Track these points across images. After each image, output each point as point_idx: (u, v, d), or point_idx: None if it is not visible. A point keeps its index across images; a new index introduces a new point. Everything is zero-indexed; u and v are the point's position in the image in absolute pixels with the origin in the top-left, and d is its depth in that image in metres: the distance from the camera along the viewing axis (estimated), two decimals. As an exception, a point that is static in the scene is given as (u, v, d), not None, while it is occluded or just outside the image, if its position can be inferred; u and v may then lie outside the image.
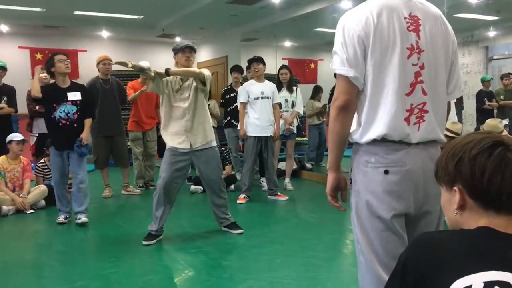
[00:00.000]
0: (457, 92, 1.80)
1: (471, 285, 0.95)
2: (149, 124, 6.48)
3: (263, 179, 6.35)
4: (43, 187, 5.38)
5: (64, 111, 4.49)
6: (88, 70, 8.70)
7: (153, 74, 3.82)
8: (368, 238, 1.72)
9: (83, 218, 4.53)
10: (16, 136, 5.31)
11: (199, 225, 4.51)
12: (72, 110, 4.51)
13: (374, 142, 1.66)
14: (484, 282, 0.95)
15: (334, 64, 1.66)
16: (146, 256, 3.68)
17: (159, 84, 3.87)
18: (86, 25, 9.22)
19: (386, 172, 1.64)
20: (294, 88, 6.32)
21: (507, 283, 0.95)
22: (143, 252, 3.76)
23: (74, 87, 4.64)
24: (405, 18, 1.64)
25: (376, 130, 1.63)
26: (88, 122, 4.66)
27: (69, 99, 4.52)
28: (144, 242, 3.88)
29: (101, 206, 5.64)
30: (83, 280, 3.18)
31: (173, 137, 3.96)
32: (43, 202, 5.29)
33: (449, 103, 1.82)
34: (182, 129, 3.94)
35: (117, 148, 6.00)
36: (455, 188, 1.11)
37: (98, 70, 6.01)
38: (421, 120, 1.65)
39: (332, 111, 1.68)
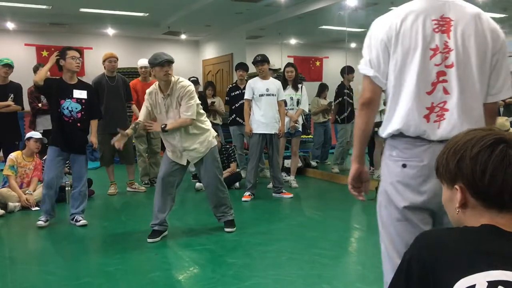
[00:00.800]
0: (505, 93, 1.80)
1: (474, 285, 0.95)
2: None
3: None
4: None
5: (68, 108, 4.38)
6: (94, 68, 8.74)
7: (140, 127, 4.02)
8: (386, 226, 1.91)
9: (83, 221, 4.49)
10: (35, 134, 5.39)
11: (204, 222, 4.51)
12: (76, 108, 4.40)
13: (395, 137, 1.77)
14: (488, 281, 0.94)
15: (360, 64, 1.82)
16: (151, 253, 3.69)
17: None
18: (92, 23, 9.24)
19: (404, 165, 1.75)
20: (300, 86, 6.31)
21: (511, 283, 0.94)
22: (148, 249, 3.77)
23: (81, 85, 4.53)
24: (433, 20, 1.73)
25: (393, 125, 1.76)
26: (94, 123, 4.61)
27: (74, 96, 4.40)
28: (149, 240, 3.89)
29: (107, 203, 5.66)
30: (89, 276, 3.19)
31: (171, 153, 4.03)
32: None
33: (495, 104, 1.83)
34: (176, 149, 3.99)
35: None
36: (456, 186, 1.09)
37: (104, 67, 6.02)
38: (441, 118, 1.72)
39: (358, 107, 1.87)
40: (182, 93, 3.85)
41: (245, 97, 5.75)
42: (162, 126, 3.89)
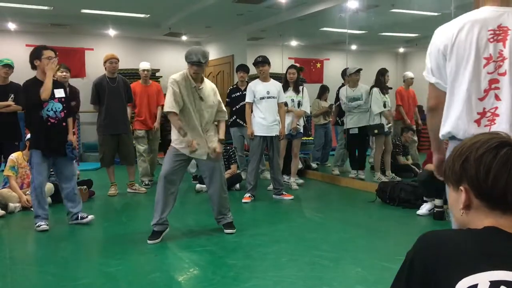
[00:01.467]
0: None
1: (477, 284, 0.95)
2: (153, 122, 6.58)
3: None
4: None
5: (52, 109, 4.28)
6: (94, 69, 8.74)
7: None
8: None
9: (89, 216, 4.52)
10: None
11: (205, 224, 4.51)
12: (59, 108, 4.32)
13: (450, 138, 1.90)
14: (490, 281, 0.95)
15: (424, 71, 1.99)
16: (151, 254, 3.69)
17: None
18: (93, 24, 9.26)
19: None
20: (301, 88, 6.31)
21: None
22: (148, 250, 3.77)
23: (57, 84, 4.45)
24: (489, 30, 1.84)
25: (445, 128, 1.91)
26: (71, 121, 4.54)
27: (56, 96, 4.32)
28: (149, 242, 3.88)
29: (107, 204, 5.66)
30: (89, 277, 3.19)
31: (190, 147, 3.97)
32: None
33: None
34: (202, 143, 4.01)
35: (123, 146, 6.02)
36: (461, 187, 1.10)
37: (105, 68, 6.04)
38: (492, 123, 1.84)
39: (427, 111, 2.10)
40: (215, 92, 4.14)
41: (246, 100, 5.76)
42: (220, 139, 4.13)
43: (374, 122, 6.57)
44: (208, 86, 4.12)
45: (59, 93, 4.38)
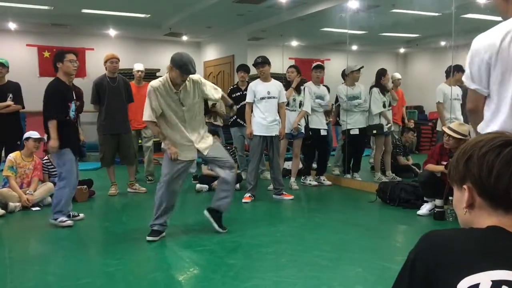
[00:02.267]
0: None
1: (478, 283, 0.95)
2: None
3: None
4: (50, 185, 5.41)
5: (73, 110, 4.50)
6: (95, 68, 8.75)
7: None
8: None
9: (81, 215, 4.67)
10: (34, 134, 5.39)
11: (205, 223, 4.50)
12: (74, 110, 4.53)
13: None
14: (492, 281, 0.95)
15: (464, 77, 2.10)
16: (151, 254, 3.69)
17: None
18: (93, 24, 9.26)
19: None
20: (302, 88, 6.31)
21: None
22: (148, 250, 3.77)
23: (72, 87, 4.70)
24: None
25: (493, 127, 2.00)
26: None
27: (74, 97, 4.54)
28: (148, 238, 3.91)
29: (107, 204, 5.66)
30: (89, 277, 3.19)
31: (184, 152, 4.00)
32: (49, 199, 5.31)
33: None
34: (192, 142, 4.04)
35: (123, 146, 6.02)
36: (464, 186, 1.11)
37: (106, 68, 6.04)
38: None
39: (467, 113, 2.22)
40: (196, 83, 4.06)
41: (246, 100, 5.76)
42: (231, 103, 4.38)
43: (373, 122, 6.57)
44: (188, 84, 4.00)
45: (74, 95, 4.57)
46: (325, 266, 3.34)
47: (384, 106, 6.56)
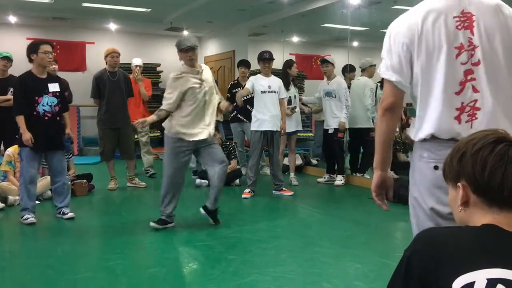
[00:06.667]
0: None
1: (474, 282, 0.95)
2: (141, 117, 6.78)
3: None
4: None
5: (47, 103, 4.31)
6: (95, 63, 8.72)
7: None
8: (417, 228, 1.78)
9: (70, 213, 4.52)
10: None
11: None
12: (53, 102, 4.35)
13: (426, 140, 1.71)
14: (487, 279, 0.95)
15: (381, 69, 1.78)
16: (151, 249, 3.69)
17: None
18: (94, 18, 9.23)
19: (436, 167, 1.67)
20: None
21: (511, 281, 0.95)
22: (148, 244, 3.78)
23: (52, 79, 4.50)
24: (454, 17, 1.67)
25: (425, 130, 1.69)
26: (67, 115, 4.65)
27: (50, 90, 4.35)
28: (152, 224, 4.05)
29: (107, 198, 5.66)
30: (88, 271, 3.20)
31: (195, 130, 4.08)
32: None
33: None
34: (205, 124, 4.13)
35: (123, 140, 6.01)
36: (459, 184, 1.11)
37: (106, 62, 6.03)
38: (473, 118, 1.67)
39: (379, 111, 1.81)
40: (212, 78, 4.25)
41: (245, 87, 5.77)
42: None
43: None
44: (206, 70, 4.21)
45: (54, 87, 4.40)
46: (324, 262, 3.35)
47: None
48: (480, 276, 0.96)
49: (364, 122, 6.39)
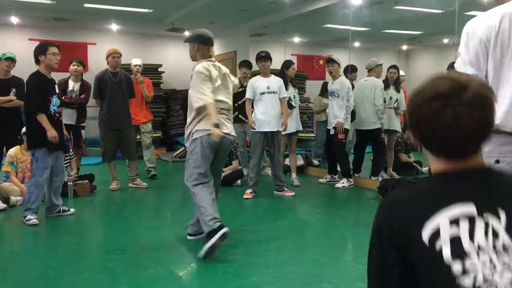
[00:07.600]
0: None
1: (438, 225, 1.02)
2: (143, 117, 6.91)
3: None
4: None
5: (55, 104, 4.40)
6: (97, 63, 8.73)
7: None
8: None
9: (72, 210, 4.65)
10: None
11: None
12: (57, 103, 4.45)
13: (495, 132, 1.82)
14: (448, 217, 1.03)
15: (457, 64, 1.90)
16: (152, 249, 3.69)
17: None
18: (95, 18, 9.25)
19: (497, 161, 1.78)
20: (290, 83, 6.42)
21: (469, 213, 1.03)
22: (149, 245, 3.77)
23: (54, 80, 4.61)
24: None
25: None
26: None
27: (56, 91, 4.50)
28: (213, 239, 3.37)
29: (108, 199, 5.66)
30: (89, 271, 3.20)
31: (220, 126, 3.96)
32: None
33: None
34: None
35: (125, 141, 6.02)
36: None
37: (108, 63, 6.03)
38: None
39: None
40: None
41: (246, 96, 5.75)
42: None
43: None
44: (222, 67, 4.22)
45: (56, 88, 4.53)
46: (325, 263, 3.34)
47: (384, 101, 6.44)
48: (442, 218, 1.02)
49: (373, 124, 6.26)
